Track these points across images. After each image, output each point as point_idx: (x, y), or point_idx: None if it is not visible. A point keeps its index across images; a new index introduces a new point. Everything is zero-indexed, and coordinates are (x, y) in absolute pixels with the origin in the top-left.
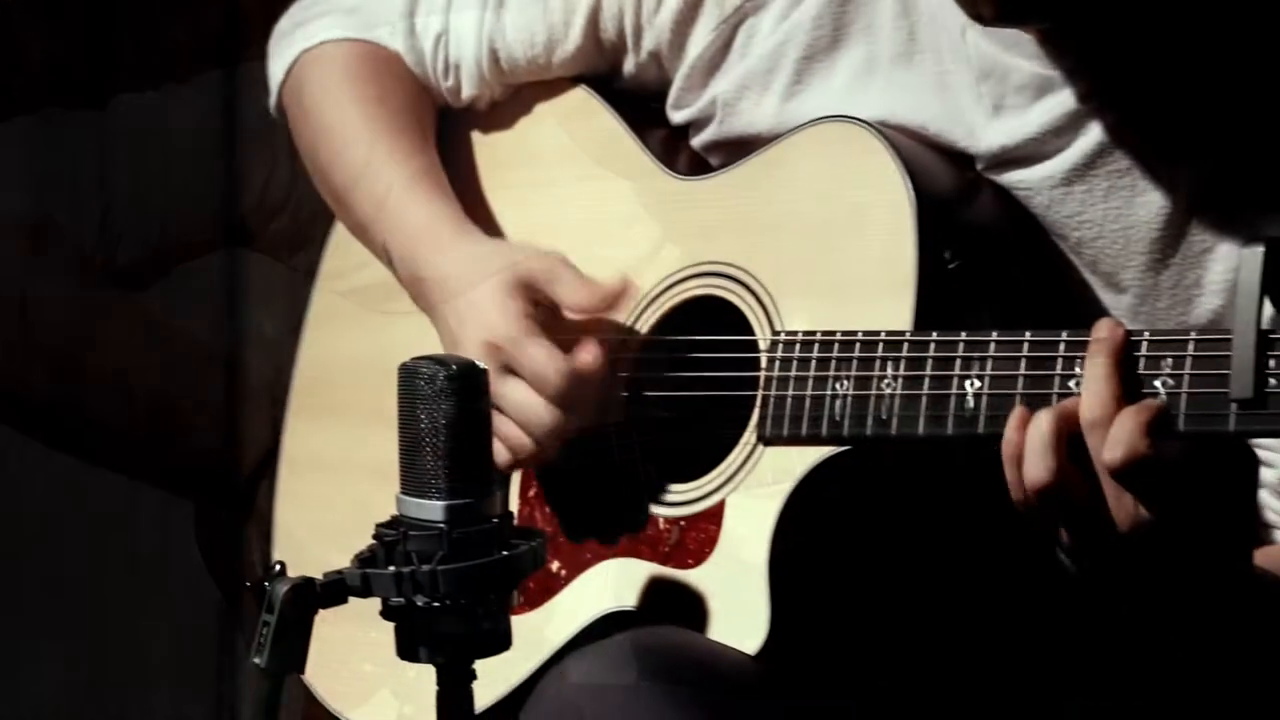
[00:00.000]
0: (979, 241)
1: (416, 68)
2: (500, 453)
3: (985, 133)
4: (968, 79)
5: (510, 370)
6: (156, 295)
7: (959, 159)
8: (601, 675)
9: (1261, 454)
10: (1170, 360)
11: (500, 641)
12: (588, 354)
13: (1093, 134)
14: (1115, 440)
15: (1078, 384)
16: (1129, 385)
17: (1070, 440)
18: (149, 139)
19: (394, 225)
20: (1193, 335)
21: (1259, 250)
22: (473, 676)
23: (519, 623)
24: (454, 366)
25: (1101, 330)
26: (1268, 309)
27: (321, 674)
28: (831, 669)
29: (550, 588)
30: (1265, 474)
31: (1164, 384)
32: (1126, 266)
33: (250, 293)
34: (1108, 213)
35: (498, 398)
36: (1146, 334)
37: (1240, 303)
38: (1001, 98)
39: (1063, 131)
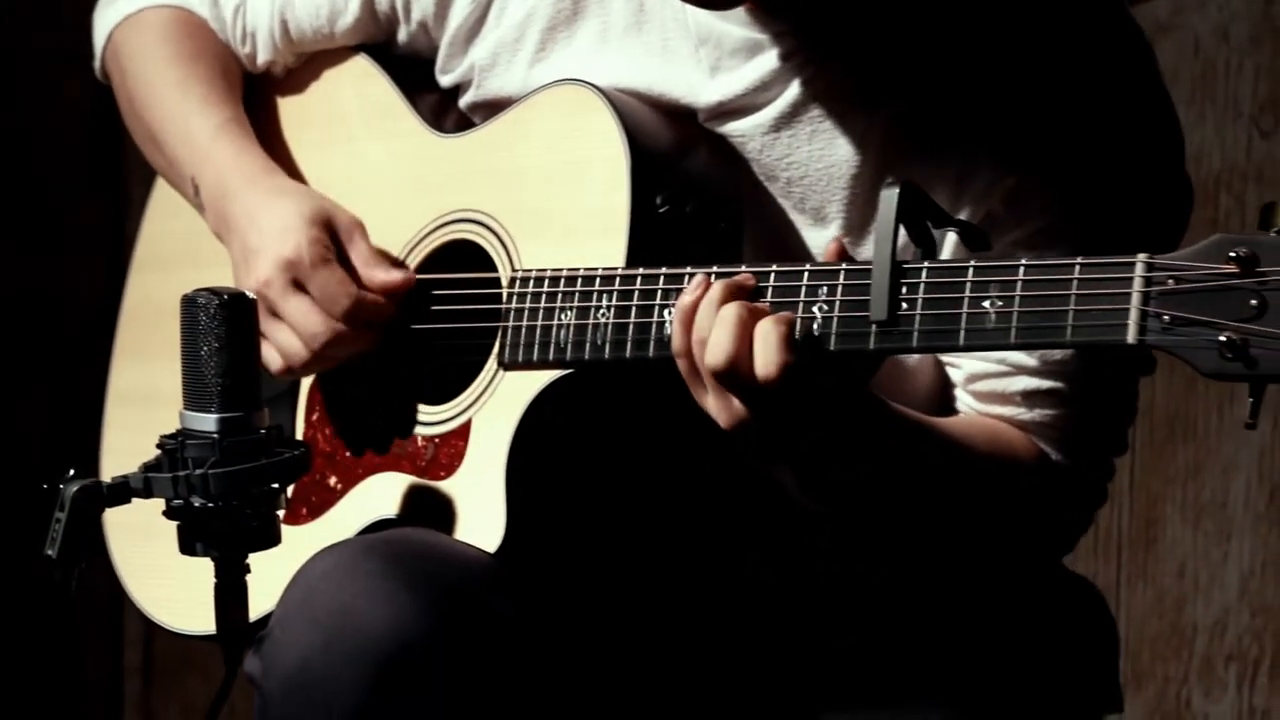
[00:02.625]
0: (692, 187)
1: (220, 35)
2: (276, 360)
3: (704, 90)
4: (689, 45)
5: (299, 287)
6: None
7: (681, 114)
8: (342, 563)
9: (947, 357)
10: (825, 289)
11: (269, 539)
12: (384, 280)
13: (795, 88)
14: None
15: None
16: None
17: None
18: None
19: (202, 162)
20: (843, 267)
21: (895, 191)
22: (246, 569)
23: (302, 532)
24: (226, 296)
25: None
26: (907, 243)
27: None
28: (563, 566)
29: (328, 500)
30: (953, 373)
31: (820, 309)
32: (830, 201)
33: None
34: (811, 154)
35: (283, 310)
36: (807, 266)
37: (878, 237)
38: (718, 59)
39: (770, 86)
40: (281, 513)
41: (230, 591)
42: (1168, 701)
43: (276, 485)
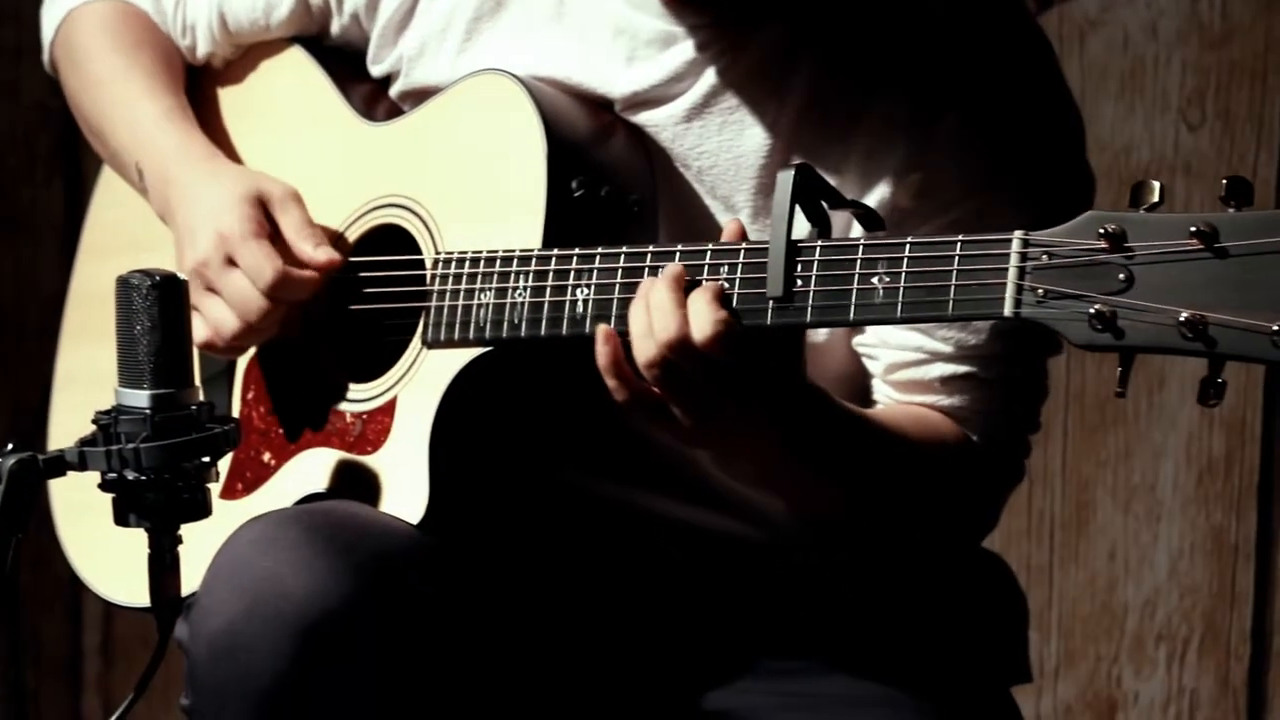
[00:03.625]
0: (606, 173)
1: (162, 28)
2: (205, 333)
3: (620, 81)
4: (606, 36)
5: (232, 262)
6: None
7: (598, 103)
8: (266, 532)
9: (864, 349)
10: (726, 267)
11: (199, 510)
12: (310, 251)
13: (707, 79)
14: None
15: None
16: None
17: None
18: None
19: (147, 147)
20: (743, 246)
21: (790, 174)
22: (178, 541)
23: (238, 506)
24: (158, 277)
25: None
26: (805, 224)
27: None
28: (484, 539)
29: (263, 475)
30: (871, 365)
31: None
32: (739, 190)
33: None
34: (721, 144)
35: (218, 285)
36: (710, 245)
37: (775, 218)
38: (633, 51)
39: (683, 78)
40: (213, 485)
41: (163, 562)
42: (1099, 680)
43: (207, 459)
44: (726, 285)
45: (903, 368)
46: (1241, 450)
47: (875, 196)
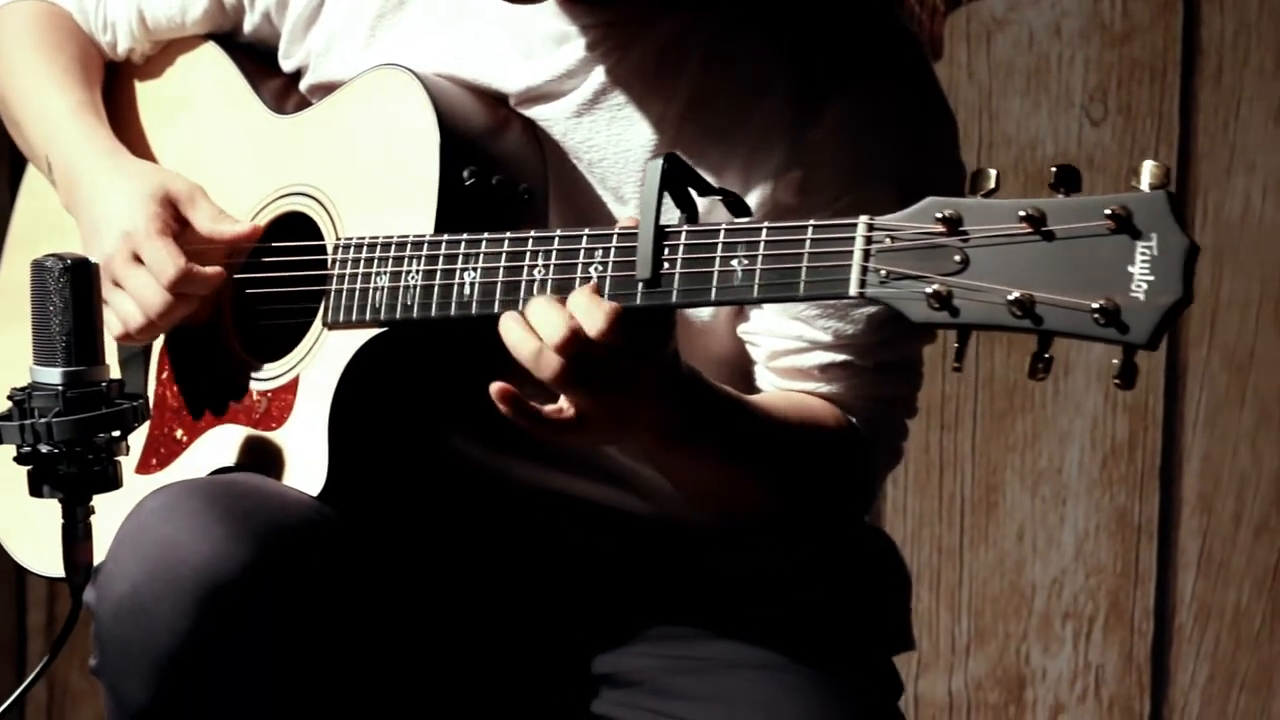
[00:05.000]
0: (498, 163)
1: (84, 25)
2: (116, 325)
3: (515, 76)
4: (504, 34)
5: (138, 259)
6: None
7: (494, 98)
8: (169, 501)
9: (748, 336)
10: (600, 251)
11: (110, 482)
12: (230, 228)
13: (597, 76)
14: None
15: (544, 271)
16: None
17: None
18: None
19: (55, 140)
20: (615, 231)
21: (659, 163)
22: (90, 511)
23: (152, 480)
24: (70, 261)
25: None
26: (675, 211)
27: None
28: (382, 509)
29: (175, 451)
30: (755, 353)
31: (596, 270)
32: (626, 182)
33: None
34: (610, 138)
35: (124, 281)
36: (585, 231)
37: (644, 204)
38: (529, 48)
39: (575, 74)
40: (128, 460)
41: (75, 532)
42: (1008, 657)
43: (117, 433)
44: (600, 269)
45: (784, 355)
46: (1144, 434)
47: (759, 193)
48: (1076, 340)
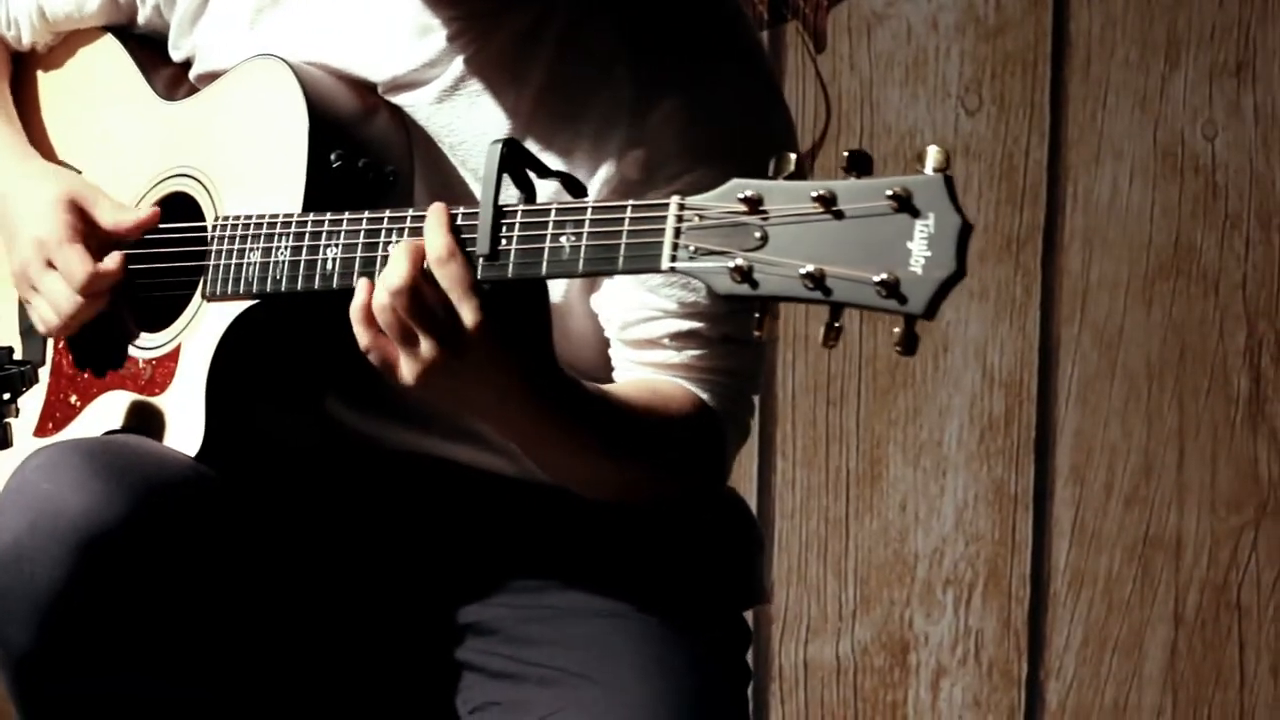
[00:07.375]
0: (365, 146)
1: None
2: (39, 324)
3: (383, 65)
4: (373, 25)
5: (51, 265)
6: None
7: (362, 85)
8: (51, 458)
9: (600, 309)
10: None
11: (0, 443)
12: (110, 261)
13: (456, 66)
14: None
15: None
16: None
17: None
18: None
19: None
20: (460, 210)
21: (498, 147)
22: None
23: (48, 443)
24: None
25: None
26: (514, 190)
27: None
28: (256, 468)
29: (69, 416)
30: (607, 326)
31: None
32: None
33: None
34: (469, 124)
35: (39, 286)
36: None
37: (484, 184)
38: (395, 39)
39: (436, 64)
40: (24, 424)
41: None
42: (892, 623)
43: (6, 396)
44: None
45: (633, 325)
46: (1019, 409)
47: (605, 171)
48: (862, 311)
